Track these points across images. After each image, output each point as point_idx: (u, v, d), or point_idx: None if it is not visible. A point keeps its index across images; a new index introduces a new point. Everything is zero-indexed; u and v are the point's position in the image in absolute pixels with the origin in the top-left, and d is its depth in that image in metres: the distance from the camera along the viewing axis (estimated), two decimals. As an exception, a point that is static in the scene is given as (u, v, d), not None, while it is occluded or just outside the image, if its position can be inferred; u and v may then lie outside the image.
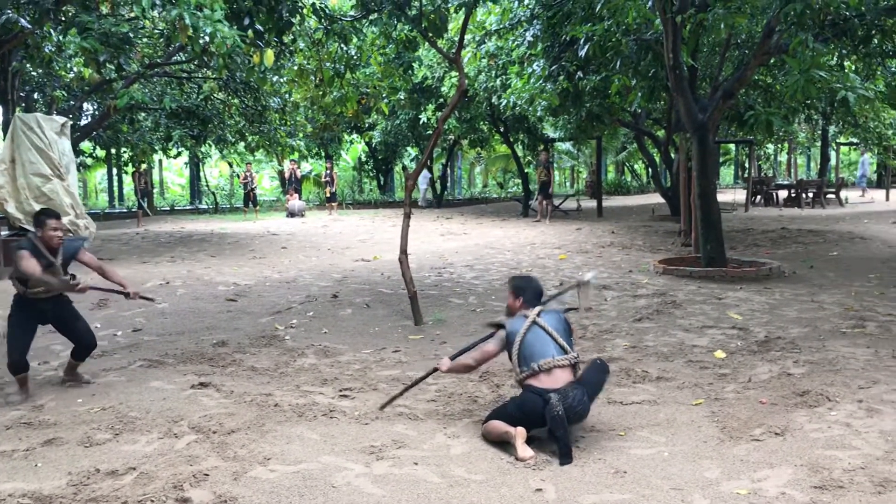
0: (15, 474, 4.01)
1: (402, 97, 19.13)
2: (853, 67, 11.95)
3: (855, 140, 26.42)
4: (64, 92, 15.87)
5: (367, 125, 25.15)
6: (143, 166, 23.52)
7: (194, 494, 3.68)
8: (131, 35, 9.26)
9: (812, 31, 8.80)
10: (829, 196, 23.93)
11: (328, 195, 25.34)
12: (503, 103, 15.31)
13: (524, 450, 4.11)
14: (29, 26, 6.80)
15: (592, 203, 23.99)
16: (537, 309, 4.65)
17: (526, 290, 4.81)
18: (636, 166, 39.84)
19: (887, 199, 24.89)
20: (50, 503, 3.66)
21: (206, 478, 3.88)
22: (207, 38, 6.11)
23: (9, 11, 6.63)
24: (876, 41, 10.25)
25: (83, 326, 5.88)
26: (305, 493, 3.70)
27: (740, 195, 24.94)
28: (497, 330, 4.71)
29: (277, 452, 4.21)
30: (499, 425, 4.32)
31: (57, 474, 3.99)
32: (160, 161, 31.01)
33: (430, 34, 9.10)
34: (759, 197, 24.90)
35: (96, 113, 18.38)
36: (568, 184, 43.39)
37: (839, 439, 4.24)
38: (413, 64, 19.45)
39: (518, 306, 4.76)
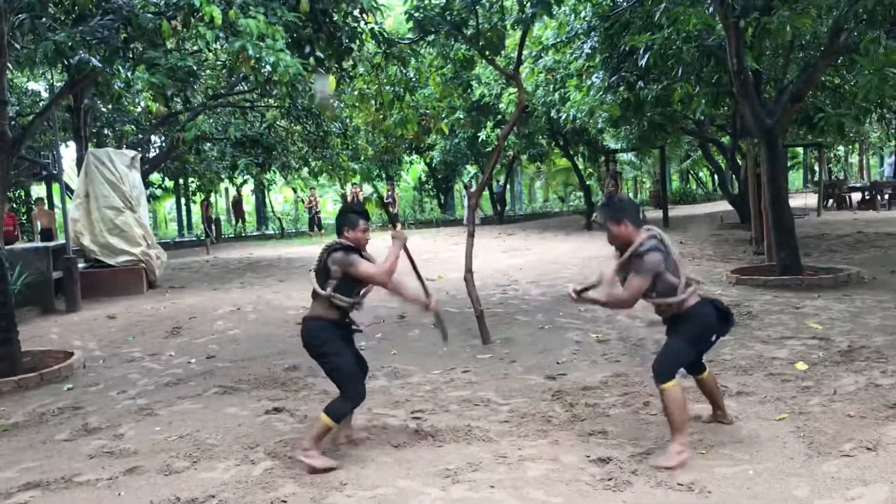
0: (99, 503, 4.09)
1: (460, 116, 19.21)
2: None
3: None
4: (133, 126, 16.39)
5: (426, 145, 25.31)
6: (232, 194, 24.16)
7: (273, 521, 3.69)
8: (196, 68, 9.50)
9: (884, 28, 8.50)
10: (905, 197, 23.06)
11: (390, 216, 25.56)
12: (563, 117, 15.20)
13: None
14: (100, 66, 7.03)
15: (658, 213, 23.59)
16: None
17: (630, 211, 4.38)
18: (701, 174, 39.11)
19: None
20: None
21: (283, 504, 3.89)
22: (270, 68, 6.21)
23: (81, 52, 6.86)
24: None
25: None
26: (383, 518, 3.67)
27: (811, 199, 24.22)
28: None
29: (353, 477, 4.21)
30: (683, 406, 4.20)
31: (139, 503, 4.05)
32: (226, 189, 31.76)
33: (488, 52, 9.10)
34: (831, 201, 24.15)
35: (164, 145, 18.91)
36: (631, 194, 42.83)
37: (937, 454, 4.03)
38: (471, 83, 19.51)
39: (631, 231, 4.32)
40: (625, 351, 7.00)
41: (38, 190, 25.65)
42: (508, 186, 32.96)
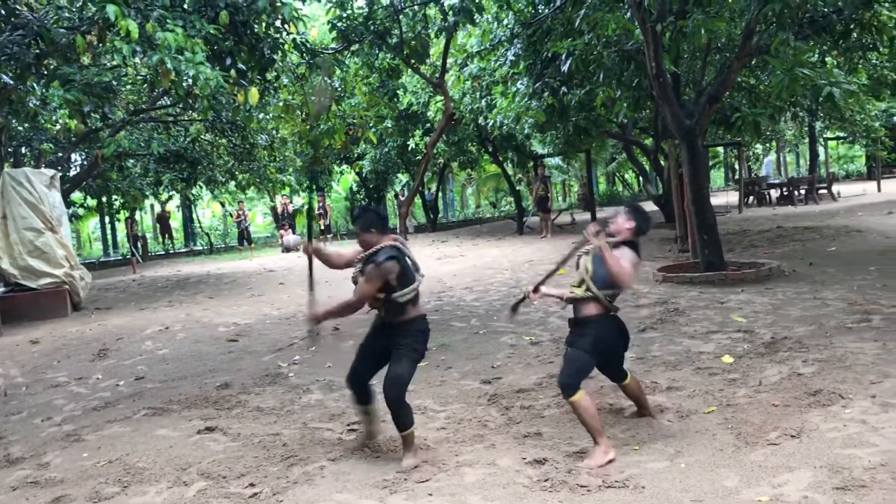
0: (24, 536, 3.93)
1: (389, 125, 19.21)
2: (835, 63, 12.01)
3: (843, 134, 26.51)
4: (51, 144, 15.90)
5: (356, 155, 25.21)
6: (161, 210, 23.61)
7: (207, 543, 3.61)
8: (114, 83, 9.27)
9: (792, 30, 8.84)
10: (821, 192, 23.98)
11: (322, 227, 25.35)
12: (490, 123, 15.35)
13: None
14: (12, 82, 6.79)
15: (586, 215, 23.98)
16: None
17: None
18: (627, 176, 39.94)
19: (879, 190, 24.94)
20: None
21: (218, 525, 3.81)
22: (191, 81, 6.10)
23: (-10, 69, 6.63)
24: (855, 35, 10.30)
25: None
26: (320, 533, 3.63)
27: (733, 197, 24.96)
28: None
29: (289, 493, 4.15)
30: (594, 413, 4.33)
31: (66, 533, 3.91)
32: (151, 206, 31.08)
33: (413, 61, 9.13)
34: (751, 197, 24.93)
35: (85, 163, 18.40)
36: (560, 198, 43.44)
37: (856, 437, 4.18)
38: (398, 91, 19.55)
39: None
40: (557, 352, 7.07)
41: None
42: (440, 194, 33.07)
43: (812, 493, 3.58)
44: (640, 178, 26.71)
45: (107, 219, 30.19)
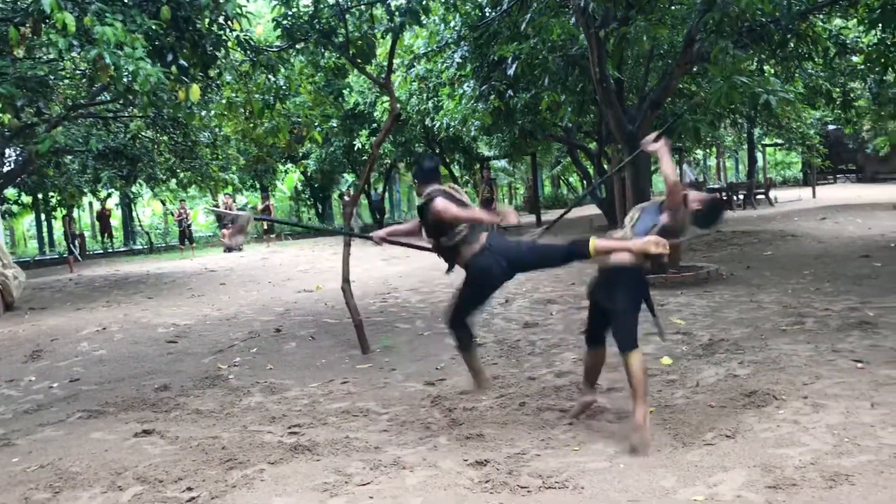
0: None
1: (334, 124, 19.09)
2: (772, 71, 12.33)
3: (780, 141, 27.24)
4: (-18, 139, 15.35)
5: (301, 154, 24.99)
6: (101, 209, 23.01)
7: (142, 550, 3.53)
8: (51, 78, 9.00)
9: (731, 39, 9.05)
10: (759, 197, 24.59)
11: (265, 227, 25.05)
12: (437, 125, 15.38)
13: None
14: (-60, 74, 6.55)
15: (531, 218, 24.17)
16: None
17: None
18: (571, 179, 40.39)
19: (814, 196, 25.68)
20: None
21: (153, 531, 3.73)
22: (130, 77, 5.95)
23: (-82, 60, 6.38)
24: (792, 45, 10.60)
25: None
26: (259, 538, 3.58)
27: (674, 201, 25.40)
28: None
29: (227, 498, 4.08)
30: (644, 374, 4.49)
31: (-7, 541, 3.79)
32: (90, 203, 30.30)
33: (359, 60, 9.07)
34: (691, 202, 25.40)
35: (19, 159, 17.83)
36: (506, 200, 43.70)
37: (788, 437, 4.30)
38: (343, 91, 19.44)
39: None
40: (501, 353, 7.13)
41: None
42: (387, 195, 32.97)
43: (745, 492, 3.66)
44: (585, 182, 27.02)
45: (43, 216, 29.32)
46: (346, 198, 25.76)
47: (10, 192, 22.41)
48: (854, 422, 4.44)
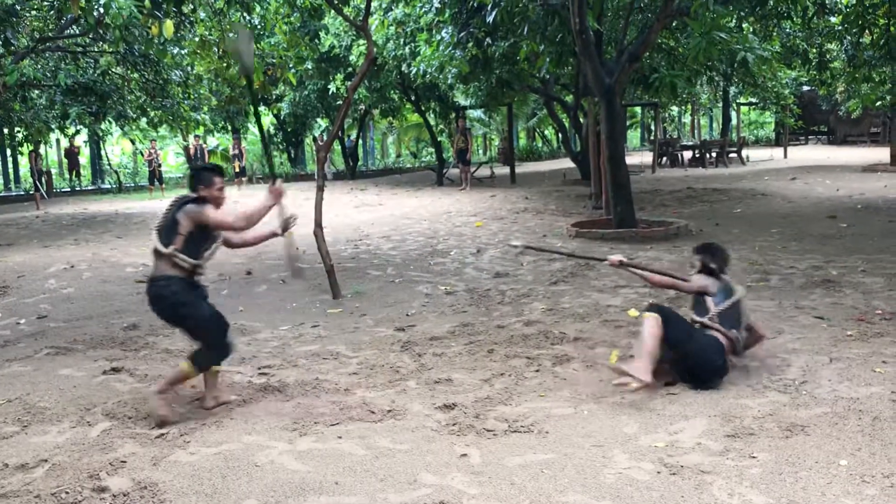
0: (-85, 475, 3.80)
1: (309, 67, 18.78)
2: (751, 29, 12.32)
3: (754, 100, 27.35)
4: (-53, 69, 14.91)
5: (274, 97, 24.60)
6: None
7: (112, 483, 3.56)
8: (17, 7, 8.74)
9: (712, -6, 9.00)
10: (731, 155, 24.76)
11: (237, 170, 24.76)
12: (413, 71, 15.20)
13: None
14: None
15: (505, 170, 24.16)
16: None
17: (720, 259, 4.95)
18: (547, 132, 40.30)
19: (785, 156, 25.91)
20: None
21: (123, 465, 3.76)
22: (102, 10, 5.81)
23: None
24: (771, 3, 10.58)
25: None
26: (228, 473, 3.63)
27: (647, 157, 25.55)
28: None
29: (197, 435, 4.12)
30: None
31: (-39, 472, 3.80)
32: (57, 140, 29.69)
33: (336, 1, 8.92)
34: (664, 158, 25.56)
35: (-16, 91, 17.37)
36: (481, 151, 43.61)
37: (748, 389, 4.42)
38: (319, 33, 19.10)
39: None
40: (471, 302, 7.19)
41: None
42: (360, 141, 32.68)
43: (705, 440, 3.77)
44: (560, 135, 26.98)
45: (8, 152, 28.70)
46: (320, 143, 25.48)
47: (-25, 126, 21.89)
48: (813, 376, 4.57)
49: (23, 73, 10.71)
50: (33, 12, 13.60)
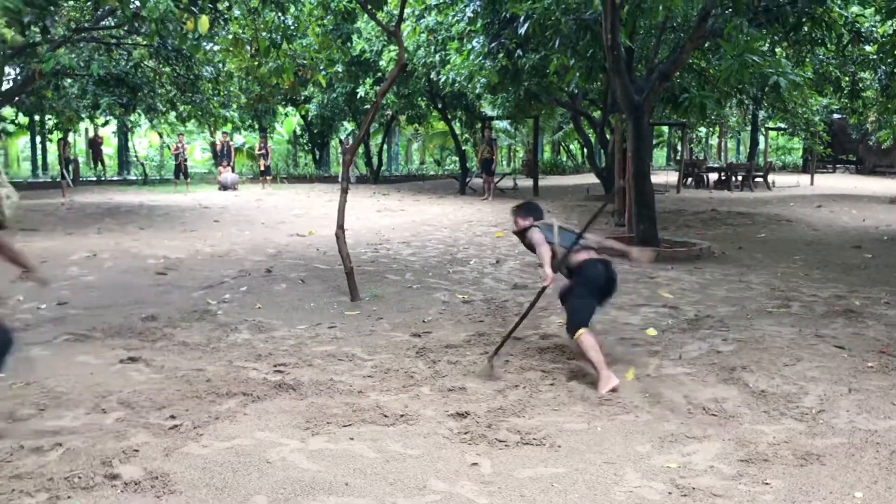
0: (-69, 451, 3.84)
1: (339, 70, 18.88)
2: (784, 54, 12.24)
3: (783, 125, 27.14)
4: (-16, 55, 15.13)
5: (302, 98, 24.77)
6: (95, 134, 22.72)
7: (124, 471, 3.59)
8: (57, -4, 8.84)
9: (746, 17, 8.97)
10: (757, 180, 24.59)
11: (262, 168, 24.92)
12: (442, 79, 15.24)
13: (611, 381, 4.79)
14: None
15: (529, 182, 24.13)
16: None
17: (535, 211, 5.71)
18: (572, 146, 40.22)
19: (812, 183, 25.69)
20: (-31, 481, 3.52)
21: (135, 454, 3.79)
22: (138, 3, 5.88)
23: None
24: (806, 28, 10.51)
25: None
26: (239, 468, 3.64)
27: (672, 177, 25.42)
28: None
29: (210, 428, 4.14)
30: (595, 349, 4.93)
31: (-24, 451, 3.84)
32: (85, 129, 29.98)
33: (370, 6, 8.96)
34: (690, 179, 25.42)
35: (19, 77, 17.61)
36: (505, 162, 43.61)
37: (765, 415, 4.37)
38: (352, 36, 19.20)
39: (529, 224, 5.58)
40: (488, 312, 7.17)
41: None
42: (385, 146, 32.77)
43: (718, 463, 3.73)
44: (585, 150, 26.91)
45: (38, 138, 29.07)
46: (346, 146, 25.60)
47: (7, 111, 22.19)
48: (831, 405, 4.52)
49: (59, 61, 10.83)
50: (70, 2, 13.78)
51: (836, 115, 29.81)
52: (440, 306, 7.43)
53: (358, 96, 21.68)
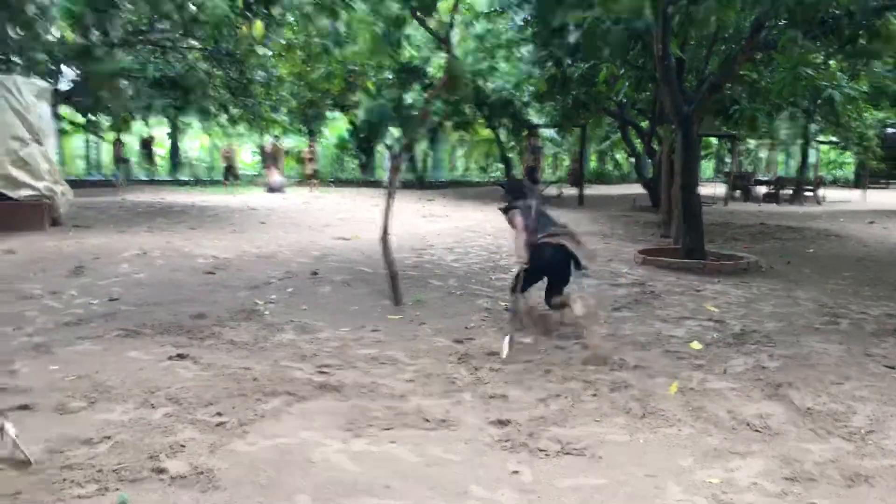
0: (-12, 439, 3.97)
1: (388, 76, 19.04)
2: (839, 67, 12.04)
3: (836, 139, 26.63)
4: (45, 55, 15.59)
5: (351, 103, 25.01)
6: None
7: (170, 465, 3.67)
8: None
9: (801, 28, 8.84)
10: (807, 194, 24.16)
11: (309, 172, 25.21)
12: (489, 87, 15.29)
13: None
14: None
15: (574, 191, 24.03)
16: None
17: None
18: (618, 156, 39.93)
19: (864, 199, 25.15)
20: (24, 469, 3.63)
21: (182, 449, 3.87)
22: (197, 7, 6.01)
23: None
24: (863, 41, 10.30)
25: None
26: (283, 467, 3.70)
27: (720, 189, 25.11)
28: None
29: (255, 426, 4.21)
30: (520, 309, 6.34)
31: (31, 441, 3.95)
32: (140, 130, 30.64)
33: (420, 13, 9.04)
34: (738, 192, 25.08)
35: (77, 78, 18.10)
36: (550, 171, 43.43)
37: (811, 433, 4.30)
38: (402, 42, 19.36)
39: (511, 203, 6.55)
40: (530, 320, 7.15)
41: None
42: (430, 152, 32.91)
43: (762, 480, 3.69)
44: (632, 160, 26.72)
45: (92, 138, 29.80)
46: (393, 152, 25.77)
47: (64, 111, 22.78)
48: (880, 426, 4.43)
49: (119, 63, 11.11)
50: (128, 6, 14.14)
51: (890, 129, 29.15)
52: (483, 313, 7.44)
53: (405, 103, 21.83)
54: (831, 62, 11.76)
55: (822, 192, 25.04)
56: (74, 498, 3.37)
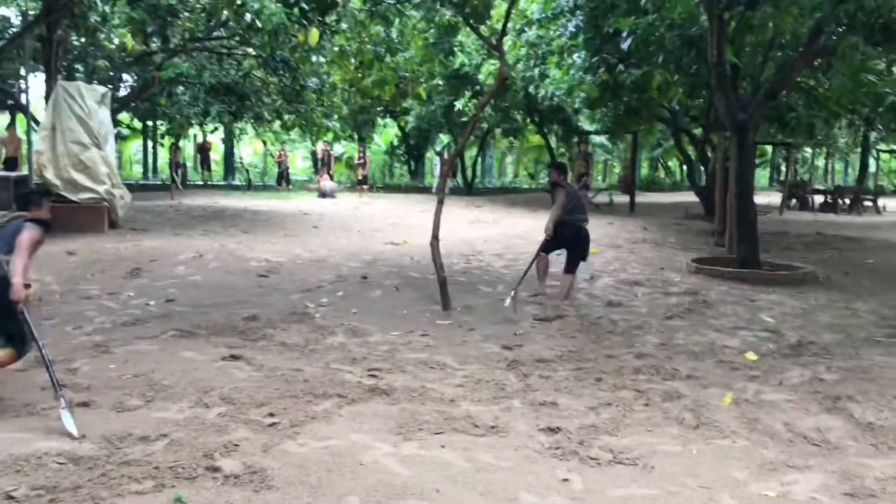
0: (50, 434, 4.08)
1: (439, 83, 19.11)
2: (901, 73, 11.72)
3: (896, 147, 25.94)
4: (106, 62, 16.03)
5: (402, 109, 25.16)
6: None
7: (224, 464, 3.73)
8: (178, 8, 9.29)
9: (862, 34, 8.64)
10: (866, 203, 23.55)
11: (360, 178, 25.40)
12: (541, 93, 15.24)
13: None
14: (77, -4, 6.86)
15: (625, 198, 23.77)
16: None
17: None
18: (671, 163, 39.41)
19: (926, 209, 24.42)
20: (84, 464, 3.72)
21: (235, 448, 3.93)
22: (254, 15, 6.13)
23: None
24: (927, 47, 10.04)
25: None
26: (333, 468, 3.73)
27: (775, 198, 24.61)
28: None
29: (306, 427, 4.26)
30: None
31: (90, 436, 4.05)
32: (194, 135, 31.29)
33: (473, 20, 9.07)
34: (794, 201, 24.56)
35: (136, 84, 18.56)
36: (601, 178, 43.07)
37: (871, 448, 4.19)
38: (454, 49, 19.43)
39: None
40: (581, 328, 7.11)
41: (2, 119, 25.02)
42: (479, 159, 32.91)
43: (820, 495, 3.60)
44: (684, 167, 26.36)
45: (150, 143, 30.51)
46: (444, 157, 25.86)
47: (123, 116, 23.34)
48: (944, 442, 4.30)
49: (176, 69, 11.37)
50: (186, 14, 14.46)
51: (955, 138, 28.26)
52: (532, 320, 7.42)
53: (456, 109, 21.88)
54: (894, 68, 11.47)
55: (882, 201, 24.37)
56: (132, 494, 3.45)
